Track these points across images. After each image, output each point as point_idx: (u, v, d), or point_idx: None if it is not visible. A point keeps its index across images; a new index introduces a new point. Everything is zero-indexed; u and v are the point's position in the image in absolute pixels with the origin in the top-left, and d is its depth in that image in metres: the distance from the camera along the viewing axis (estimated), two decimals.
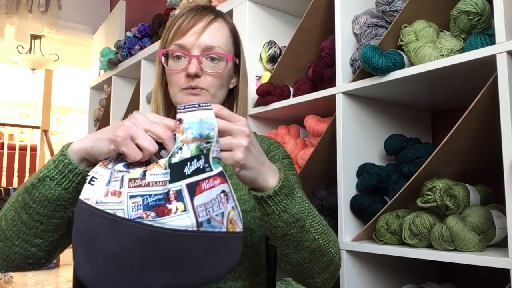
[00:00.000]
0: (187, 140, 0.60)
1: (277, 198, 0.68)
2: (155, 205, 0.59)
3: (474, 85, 1.07)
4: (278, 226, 0.70)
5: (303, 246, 0.72)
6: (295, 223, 0.70)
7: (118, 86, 2.76)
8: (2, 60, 6.76)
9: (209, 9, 0.90)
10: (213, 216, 0.62)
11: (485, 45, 0.96)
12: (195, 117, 0.61)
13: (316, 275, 0.76)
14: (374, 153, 1.32)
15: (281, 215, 0.69)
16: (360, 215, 1.23)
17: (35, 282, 3.83)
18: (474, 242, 0.95)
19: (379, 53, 1.11)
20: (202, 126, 0.61)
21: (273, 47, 1.60)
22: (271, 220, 0.70)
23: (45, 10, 3.75)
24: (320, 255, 0.74)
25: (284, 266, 0.78)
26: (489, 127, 1.02)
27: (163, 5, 2.30)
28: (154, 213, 0.59)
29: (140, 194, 0.60)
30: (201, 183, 0.61)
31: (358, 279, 1.19)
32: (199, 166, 0.61)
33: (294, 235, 0.71)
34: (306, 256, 0.73)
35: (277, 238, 0.72)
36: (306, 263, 0.74)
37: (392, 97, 1.30)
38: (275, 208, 0.68)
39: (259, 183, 0.67)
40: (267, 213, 0.69)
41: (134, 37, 2.51)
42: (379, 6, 1.24)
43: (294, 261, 0.74)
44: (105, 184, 0.62)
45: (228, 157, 0.63)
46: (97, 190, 0.62)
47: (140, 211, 0.59)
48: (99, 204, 0.61)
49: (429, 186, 1.04)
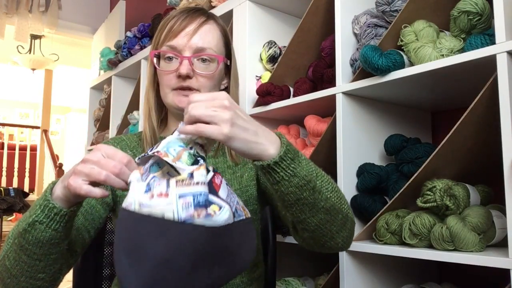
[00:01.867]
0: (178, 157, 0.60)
1: (283, 163, 0.67)
2: (205, 204, 0.58)
3: (474, 85, 1.07)
4: (290, 192, 0.68)
5: (318, 208, 0.71)
6: (307, 186, 0.69)
7: (118, 86, 2.76)
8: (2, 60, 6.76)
9: (201, 11, 0.91)
10: (236, 205, 0.64)
11: (485, 45, 0.96)
12: (163, 145, 0.61)
13: (335, 235, 0.76)
14: (374, 153, 1.32)
15: (291, 180, 0.67)
16: (360, 215, 1.23)
17: None
18: (474, 242, 0.95)
19: (379, 53, 1.11)
20: (175, 142, 0.62)
21: (273, 47, 1.60)
22: (282, 188, 0.68)
23: (45, 10, 3.75)
24: (335, 214, 0.74)
25: (302, 235, 0.77)
26: (489, 127, 1.02)
27: (163, 5, 2.30)
28: (205, 212, 0.57)
29: (191, 192, 0.57)
30: (213, 180, 0.61)
31: (358, 279, 1.19)
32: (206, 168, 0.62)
33: (308, 198, 0.70)
34: (323, 217, 0.72)
35: (290, 205, 0.71)
36: (324, 225, 0.73)
37: (392, 97, 1.30)
38: (284, 174, 0.67)
39: (258, 153, 0.66)
40: (276, 181, 0.68)
41: (134, 37, 2.51)
42: (379, 6, 1.24)
43: (312, 225, 0.73)
44: (144, 189, 0.59)
45: (214, 131, 0.62)
46: (136, 192, 0.59)
47: (191, 210, 0.56)
48: (144, 207, 0.57)
49: (429, 186, 1.04)
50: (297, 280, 1.40)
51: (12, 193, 5.04)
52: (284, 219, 0.85)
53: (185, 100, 0.86)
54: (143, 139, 0.91)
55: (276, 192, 0.70)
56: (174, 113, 0.93)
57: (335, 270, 1.23)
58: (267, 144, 0.66)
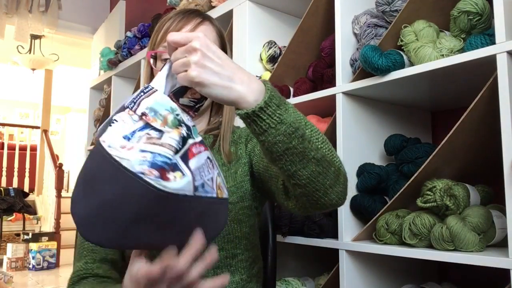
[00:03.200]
0: (164, 121, 0.60)
1: (269, 109, 0.63)
2: (161, 166, 0.57)
3: (474, 85, 1.07)
4: (277, 141, 0.65)
5: (309, 158, 0.67)
6: (295, 133, 0.65)
7: (118, 86, 2.76)
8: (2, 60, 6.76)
9: (197, 13, 0.92)
10: (206, 180, 0.62)
11: (485, 45, 0.96)
12: (149, 102, 0.61)
13: (329, 189, 0.71)
14: (374, 153, 1.32)
15: (278, 127, 0.64)
16: (360, 215, 1.23)
17: (35, 282, 3.83)
18: (474, 242, 0.95)
19: (379, 53, 1.11)
20: (161, 105, 0.61)
21: (273, 47, 1.60)
22: (269, 137, 0.64)
23: (45, 10, 3.76)
24: (327, 166, 0.70)
25: (294, 193, 0.73)
26: (489, 127, 1.02)
27: (163, 5, 2.30)
28: (158, 173, 0.57)
29: (151, 151, 0.58)
30: (191, 147, 0.61)
31: (358, 279, 1.19)
32: (183, 134, 0.61)
33: (297, 146, 0.66)
34: (314, 169, 0.68)
35: (279, 158, 0.67)
36: (316, 178, 0.69)
37: (392, 97, 1.30)
38: (270, 121, 0.63)
39: (233, 100, 0.63)
40: (262, 130, 0.64)
41: (134, 37, 2.51)
42: (379, 6, 1.24)
43: (304, 178, 0.69)
44: (124, 134, 0.60)
45: (183, 77, 0.60)
46: (114, 133, 0.60)
47: (145, 166, 0.56)
48: (111, 149, 0.59)
49: (429, 186, 1.04)
50: (297, 280, 1.40)
51: (12, 193, 5.04)
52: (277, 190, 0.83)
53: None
54: None
55: (263, 144, 0.66)
56: None
57: (335, 270, 1.23)
58: (243, 91, 0.62)
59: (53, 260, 4.39)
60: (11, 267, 4.26)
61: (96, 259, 0.85)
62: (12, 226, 5.06)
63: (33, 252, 4.28)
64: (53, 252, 4.40)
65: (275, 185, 0.82)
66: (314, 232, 1.28)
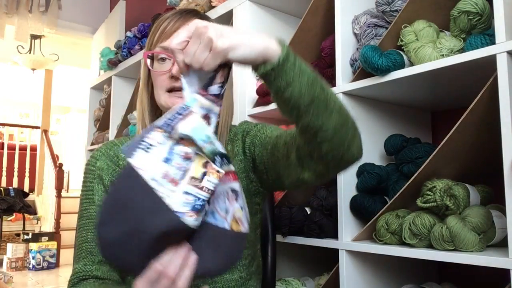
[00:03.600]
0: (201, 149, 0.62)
1: (290, 60, 0.65)
2: (198, 210, 0.61)
3: (474, 85, 1.07)
4: (303, 93, 0.66)
5: (331, 108, 0.69)
6: (316, 82, 0.67)
7: (118, 86, 2.76)
8: (2, 60, 6.76)
9: (194, 13, 0.92)
10: (217, 209, 0.64)
11: (485, 45, 0.96)
12: (186, 127, 0.62)
13: (351, 143, 0.74)
14: (374, 153, 1.32)
15: (301, 79, 0.66)
16: (360, 215, 1.23)
17: (35, 282, 3.83)
18: (474, 242, 0.95)
19: (379, 53, 1.11)
20: (198, 132, 0.62)
21: None
22: (295, 89, 0.66)
23: (45, 10, 3.76)
24: (346, 116, 0.72)
25: (319, 151, 0.73)
26: (489, 127, 1.02)
27: (163, 5, 2.30)
28: (195, 215, 0.61)
29: (194, 194, 0.61)
30: None
31: (358, 279, 1.19)
32: (217, 166, 0.63)
33: (320, 95, 0.68)
34: (337, 120, 0.70)
35: (306, 111, 0.68)
36: (340, 129, 0.71)
37: (392, 97, 1.30)
38: (293, 72, 0.65)
39: (263, 48, 0.64)
40: (287, 83, 0.65)
41: (134, 37, 2.51)
42: (379, 6, 1.24)
43: (329, 131, 0.70)
44: (162, 158, 0.62)
45: (212, 57, 0.61)
46: (152, 160, 0.62)
47: (187, 209, 0.60)
48: (153, 182, 0.60)
49: (429, 186, 1.04)
50: (297, 280, 1.41)
51: (12, 193, 5.04)
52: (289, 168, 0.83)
53: (178, 101, 0.86)
54: None
55: (290, 101, 0.67)
56: None
57: (335, 270, 1.23)
58: (265, 41, 0.64)
59: (53, 260, 4.38)
60: (11, 267, 4.26)
61: (95, 261, 0.85)
62: (12, 226, 5.06)
63: (33, 252, 4.28)
64: (53, 252, 4.40)
65: (285, 165, 0.82)
66: (314, 232, 1.28)
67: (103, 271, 0.84)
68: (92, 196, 0.90)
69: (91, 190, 0.90)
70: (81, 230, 0.89)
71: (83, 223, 0.89)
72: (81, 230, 0.89)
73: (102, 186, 0.90)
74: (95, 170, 0.92)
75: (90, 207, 0.89)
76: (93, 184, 0.90)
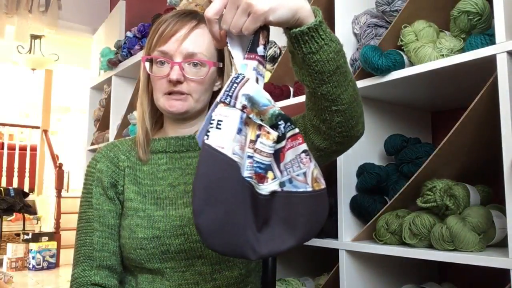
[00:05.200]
0: (261, 113, 0.64)
1: (323, 25, 0.67)
2: (259, 172, 0.63)
3: (474, 85, 1.07)
4: (330, 58, 0.68)
5: (349, 80, 0.72)
6: (341, 51, 0.70)
7: (118, 86, 2.76)
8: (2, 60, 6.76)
9: (192, 15, 0.91)
10: (294, 176, 0.65)
11: (485, 45, 0.96)
12: (246, 92, 0.64)
13: (359, 118, 0.78)
14: (374, 153, 1.32)
15: (330, 44, 0.68)
16: (360, 215, 1.23)
17: (35, 282, 3.83)
18: (474, 242, 0.95)
19: (379, 53, 1.11)
20: (258, 96, 0.64)
21: (273, 47, 1.60)
22: (323, 54, 0.68)
23: (45, 10, 3.76)
24: (358, 92, 0.76)
25: (332, 118, 0.75)
26: (489, 127, 1.02)
27: (163, 5, 2.30)
28: (258, 178, 0.63)
29: (253, 157, 0.63)
30: (282, 149, 0.65)
31: (358, 279, 1.19)
32: (281, 131, 0.64)
33: (343, 65, 0.71)
34: (352, 93, 0.74)
35: (330, 77, 0.70)
36: (353, 103, 0.74)
37: (392, 97, 1.30)
38: (325, 37, 0.67)
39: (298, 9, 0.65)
40: (319, 46, 0.67)
41: (134, 37, 2.51)
42: (379, 6, 1.24)
43: (345, 102, 0.73)
44: (235, 130, 0.63)
45: (252, 20, 0.63)
46: (227, 135, 0.62)
47: (252, 172, 0.63)
48: (235, 156, 0.62)
49: (429, 186, 1.04)
50: (297, 280, 1.41)
51: (12, 193, 5.04)
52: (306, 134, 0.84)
53: (176, 104, 0.87)
54: (137, 143, 0.92)
55: (316, 65, 0.69)
56: (168, 116, 0.94)
57: (335, 270, 1.23)
58: (300, 1, 0.66)
59: (53, 260, 4.39)
60: (11, 267, 4.26)
61: (93, 266, 0.85)
62: (12, 226, 5.06)
63: (33, 252, 4.28)
64: (53, 252, 4.40)
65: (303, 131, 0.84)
66: None
67: (101, 276, 0.85)
68: (90, 199, 0.90)
69: (90, 192, 0.91)
70: (80, 233, 0.89)
71: (81, 225, 0.90)
72: (80, 233, 0.89)
73: (100, 189, 0.90)
74: (95, 172, 0.92)
75: (88, 210, 0.90)
76: (92, 187, 0.91)
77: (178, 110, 0.88)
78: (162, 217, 0.85)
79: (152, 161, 0.91)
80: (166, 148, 0.92)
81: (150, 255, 0.83)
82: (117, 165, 0.92)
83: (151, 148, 0.93)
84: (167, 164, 0.91)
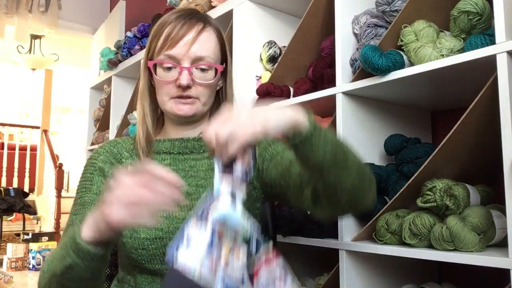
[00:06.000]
0: (235, 234, 0.63)
1: (317, 124, 0.71)
2: None
3: (474, 85, 1.07)
4: (327, 151, 0.72)
5: (350, 166, 0.75)
6: (338, 147, 0.74)
7: (118, 86, 2.76)
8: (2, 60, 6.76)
9: (196, 17, 0.90)
10: None
11: (485, 45, 0.96)
12: (219, 213, 0.62)
13: (367, 193, 0.80)
14: (374, 153, 1.32)
15: (325, 147, 0.71)
16: (360, 215, 1.23)
17: (35, 282, 3.83)
18: (474, 242, 0.95)
19: (379, 53, 1.11)
20: (230, 218, 0.63)
21: (273, 47, 1.60)
22: (322, 150, 0.71)
23: (45, 10, 3.75)
24: (362, 171, 0.78)
25: (338, 198, 0.78)
26: (489, 127, 1.02)
27: (163, 5, 2.29)
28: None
29: (224, 278, 0.61)
30: (256, 269, 0.65)
31: (358, 279, 1.19)
32: (252, 251, 0.64)
33: (341, 158, 0.74)
34: (355, 175, 0.76)
35: (328, 170, 0.73)
36: (358, 184, 0.77)
37: (392, 97, 1.30)
38: (319, 142, 0.71)
39: (294, 119, 0.69)
40: (313, 151, 0.71)
41: (134, 37, 2.51)
42: (379, 6, 1.24)
43: (349, 185, 0.76)
44: (205, 250, 0.61)
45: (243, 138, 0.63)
46: (197, 254, 0.61)
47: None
48: (203, 281, 0.60)
49: (429, 186, 1.04)
50: (297, 280, 1.40)
51: (12, 193, 5.04)
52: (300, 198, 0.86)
53: (184, 108, 0.87)
54: (137, 143, 0.91)
55: (314, 166, 0.73)
56: (171, 118, 0.93)
57: (335, 270, 1.23)
58: (292, 110, 0.70)
59: None
60: (11, 267, 4.25)
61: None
62: (12, 226, 5.06)
63: (33, 252, 4.28)
64: None
65: (297, 194, 0.86)
66: (314, 232, 1.28)
67: None
68: (89, 186, 0.89)
69: (90, 180, 0.90)
70: (71, 215, 0.89)
71: (75, 209, 0.89)
72: (71, 215, 0.89)
73: (102, 178, 0.89)
74: (97, 163, 0.91)
75: (85, 195, 0.89)
76: (93, 175, 0.90)
77: (186, 113, 0.88)
78: (165, 218, 0.85)
79: (155, 161, 0.91)
80: (170, 149, 0.92)
81: (151, 256, 0.83)
82: (120, 161, 0.92)
83: (155, 149, 0.92)
84: (171, 165, 0.91)
